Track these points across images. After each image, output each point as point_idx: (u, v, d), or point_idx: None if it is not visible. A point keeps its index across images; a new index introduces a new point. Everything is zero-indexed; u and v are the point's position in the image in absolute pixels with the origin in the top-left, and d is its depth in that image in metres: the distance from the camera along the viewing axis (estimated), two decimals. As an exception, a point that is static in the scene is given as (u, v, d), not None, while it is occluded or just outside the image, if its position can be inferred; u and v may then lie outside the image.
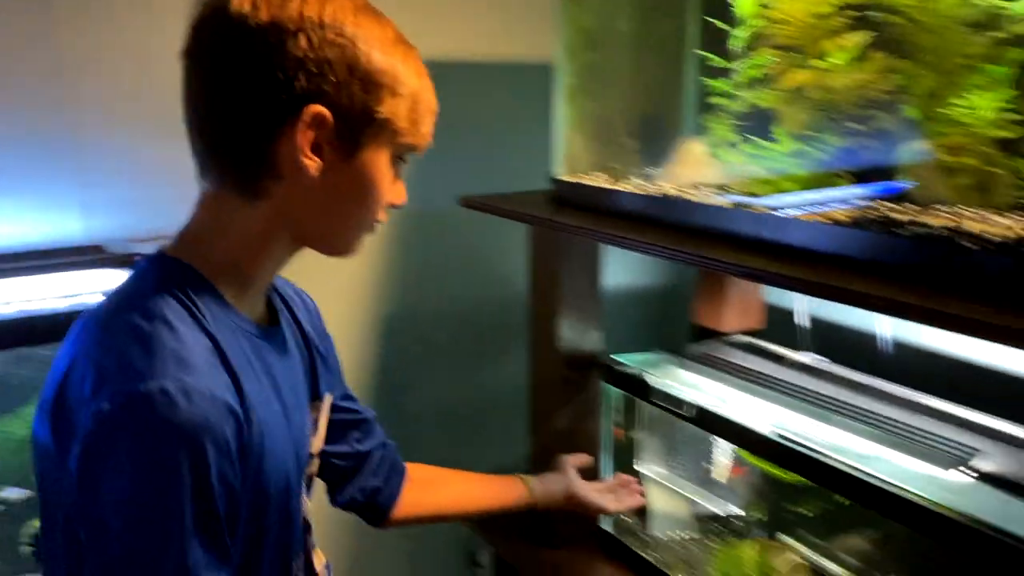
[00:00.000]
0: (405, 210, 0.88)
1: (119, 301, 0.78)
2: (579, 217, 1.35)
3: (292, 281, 1.05)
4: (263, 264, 0.83)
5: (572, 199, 1.43)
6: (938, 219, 0.91)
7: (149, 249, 0.84)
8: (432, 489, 1.23)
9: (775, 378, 1.40)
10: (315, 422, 0.99)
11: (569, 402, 1.53)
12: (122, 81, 1.44)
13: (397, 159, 0.83)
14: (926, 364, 1.56)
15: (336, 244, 0.85)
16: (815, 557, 1.36)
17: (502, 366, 1.94)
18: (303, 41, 0.72)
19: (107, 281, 1.25)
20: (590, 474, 1.58)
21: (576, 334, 1.52)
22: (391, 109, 0.78)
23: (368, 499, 1.18)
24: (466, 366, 1.92)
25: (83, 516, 0.71)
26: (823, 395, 1.32)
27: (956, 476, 1.06)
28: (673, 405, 1.37)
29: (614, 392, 1.53)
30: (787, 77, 1.06)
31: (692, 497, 1.51)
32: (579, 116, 1.46)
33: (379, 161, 0.80)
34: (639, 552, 1.50)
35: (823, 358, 1.49)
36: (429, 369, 1.88)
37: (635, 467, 1.57)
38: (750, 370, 1.44)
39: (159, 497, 0.69)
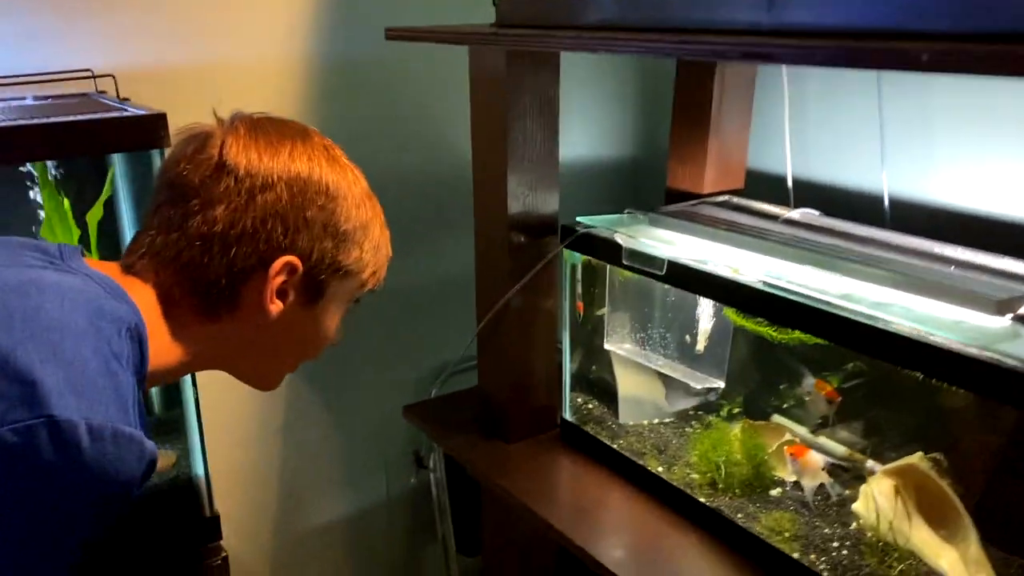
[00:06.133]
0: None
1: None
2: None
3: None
4: (158, 373, 0.75)
5: (521, 14, 1.17)
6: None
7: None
8: None
9: (765, 230, 1.18)
10: None
11: (520, 274, 1.29)
12: None
13: (351, 301, 0.86)
14: (931, 218, 1.36)
15: (264, 380, 0.86)
16: (813, 439, 1.17)
17: (455, 243, 1.70)
18: (285, 195, 0.74)
19: None
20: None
21: (527, 191, 1.28)
22: (357, 261, 0.81)
23: None
24: (413, 243, 1.67)
25: None
26: (825, 245, 1.10)
27: (1007, 323, 0.85)
28: (649, 265, 1.14)
29: (576, 259, 1.30)
30: None
31: (671, 375, 1.30)
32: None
33: (336, 306, 0.83)
34: (605, 441, 1.29)
35: (818, 212, 1.28)
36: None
37: (605, 346, 1.35)
38: (734, 223, 1.21)
39: None
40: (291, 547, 1.71)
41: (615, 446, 1.28)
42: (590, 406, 1.39)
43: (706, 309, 1.22)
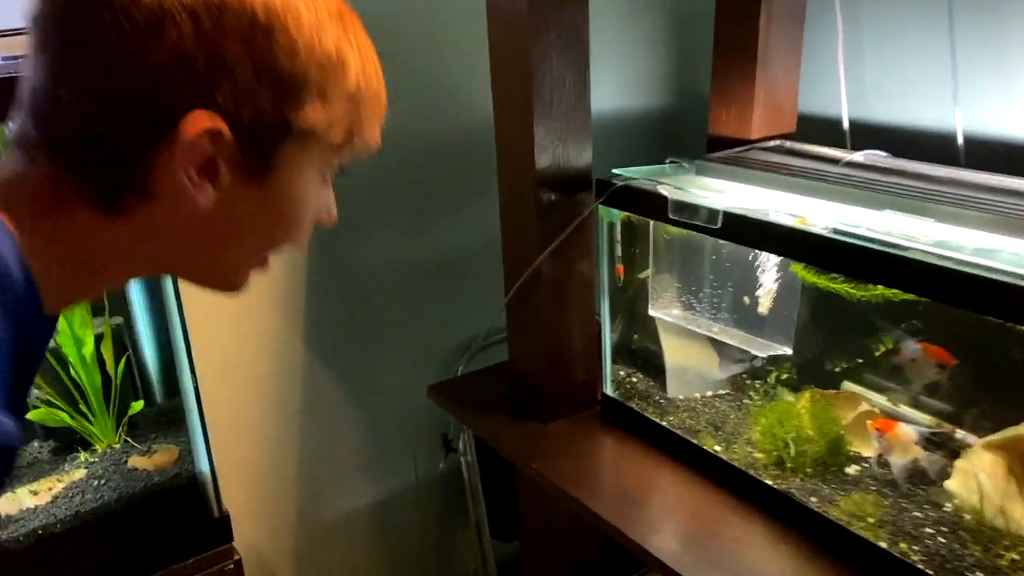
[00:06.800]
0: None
1: None
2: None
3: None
4: (69, 293, 0.57)
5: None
6: None
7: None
8: None
9: (829, 174, 1.04)
10: None
11: (551, 236, 1.16)
12: None
13: (331, 170, 0.63)
14: (1011, 155, 1.21)
15: (220, 281, 0.62)
16: (893, 408, 1.03)
17: (479, 205, 1.56)
18: (189, 27, 0.51)
19: None
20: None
21: (557, 141, 1.14)
22: (318, 118, 0.56)
23: None
24: (433, 208, 1.54)
25: None
26: (902, 188, 0.96)
27: None
28: (700, 218, 1.00)
29: (614, 217, 1.16)
30: None
31: (729, 343, 1.16)
32: None
33: (301, 180, 0.59)
34: (653, 418, 1.16)
35: (884, 153, 1.13)
36: (390, 217, 1.50)
37: (649, 312, 1.22)
38: (792, 168, 1.07)
39: None
40: (315, 539, 1.60)
41: (664, 423, 1.15)
42: (634, 379, 1.26)
43: (767, 266, 1.08)
